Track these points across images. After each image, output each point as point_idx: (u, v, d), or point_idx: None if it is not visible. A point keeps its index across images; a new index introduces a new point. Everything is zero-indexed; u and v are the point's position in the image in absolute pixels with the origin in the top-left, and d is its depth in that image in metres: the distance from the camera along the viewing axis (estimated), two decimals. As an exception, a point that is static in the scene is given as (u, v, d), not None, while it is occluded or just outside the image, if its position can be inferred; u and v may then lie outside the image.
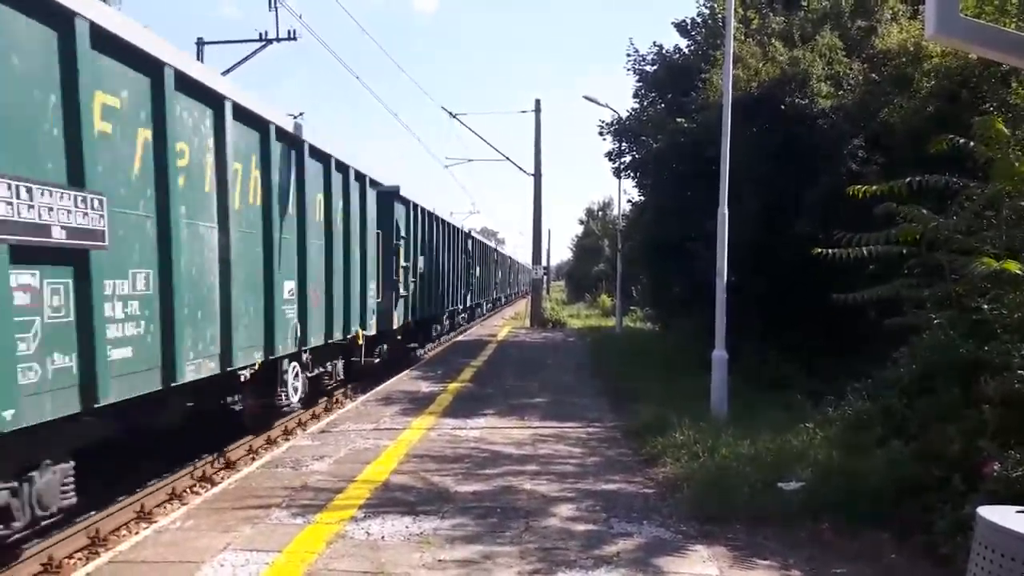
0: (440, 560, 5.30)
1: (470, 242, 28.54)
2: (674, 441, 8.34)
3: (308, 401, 11.55)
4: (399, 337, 16.81)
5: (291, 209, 9.71)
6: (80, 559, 6.23)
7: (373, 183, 13.39)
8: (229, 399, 9.23)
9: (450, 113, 29.73)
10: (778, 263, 11.85)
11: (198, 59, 19.57)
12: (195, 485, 8.29)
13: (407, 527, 5.98)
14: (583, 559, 5.33)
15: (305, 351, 10.44)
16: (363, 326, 12.86)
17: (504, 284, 51.81)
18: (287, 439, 10.21)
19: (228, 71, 19.32)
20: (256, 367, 8.88)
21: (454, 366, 17.04)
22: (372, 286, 13.50)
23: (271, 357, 9.16)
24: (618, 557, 5.39)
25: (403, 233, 16.37)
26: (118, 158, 6.15)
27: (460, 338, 26.25)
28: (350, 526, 6.00)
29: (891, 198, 6.91)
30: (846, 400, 7.57)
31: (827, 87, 12.30)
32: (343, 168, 11.73)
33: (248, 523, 6.07)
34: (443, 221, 22.20)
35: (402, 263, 16.07)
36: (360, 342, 12.87)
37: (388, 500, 6.73)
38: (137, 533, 6.44)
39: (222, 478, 8.34)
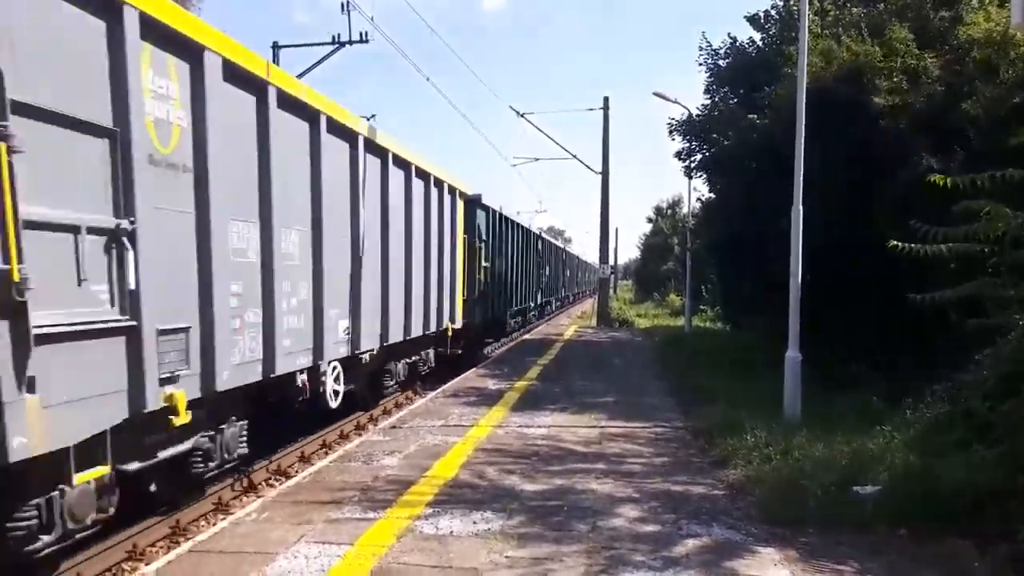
0: (507, 557, 5.34)
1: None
2: (745, 442, 8.21)
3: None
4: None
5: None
6: (162, 547, 6.49)
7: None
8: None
9: (518, 112, 29.85)
10: (854, 262, 11.53)
11: (274, 62, 20.17)
12: (270, 478, 8.53)
13: (474, 523, 6.05)
14: (651, 560, 5.30)
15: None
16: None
17: (570, 283, 51.73)
18: (359, 434, 10.43)
19: (303, 74, 19.83)
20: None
21: (521, 364, 17.10)
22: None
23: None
24: (687, 559, 5.35)
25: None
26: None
27: (526, 337, 26.33)
28: (419, 521, 6.10)
29: (972, 193, 6.64)
30: (924, 403, 7.32)
31: (898, 81, 11.89)
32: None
33: (321, 516, 6.23)
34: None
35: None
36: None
37: (456, 496, 6.81)
38: (215, 524, 6.67)
39: (296, 471, 8.57)
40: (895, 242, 7.25)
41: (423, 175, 12.46)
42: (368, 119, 10.21)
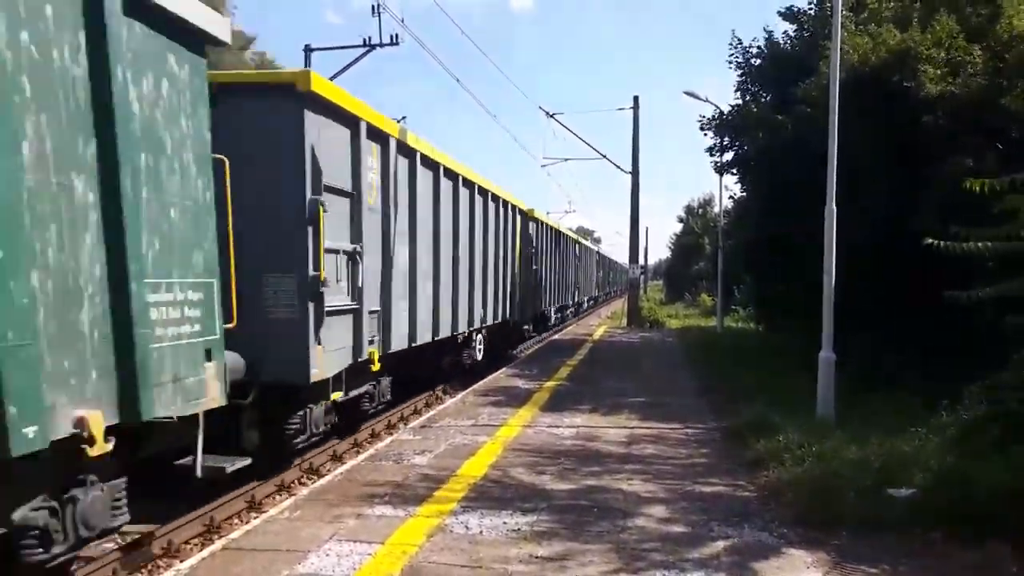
0: (537, 556, 5.35)
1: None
2: (777, 444, 8.13)
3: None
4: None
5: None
6: (196, 545, 6.58)
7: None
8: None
9: (547, 113, 29.81)
10: (890, 262, 11.37)
11: (306, 65, 20.37)
12: (302, 477, 8.62)
13: (504, 523, 6.06)
14: (681, 561, 5.28)
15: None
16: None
17: (602, 283, 51.60)
18: (390, 433, 10.50)
19: (335, 76, 20.00)
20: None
21: (550, 365, 17.09)
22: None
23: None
24: (717, 560, 5.31)
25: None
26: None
27: (556, 337, 26.31)
28: (449, 520, 6.12)
29: (1012, 192, 6.50)
30: (961, 403, 7.19)
31: (943, 73, 11.67)
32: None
33: (352, 514, 6.29)
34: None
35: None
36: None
37: (486, 495, 6.83)
38: (248, 522, 6.76)
39: (328, 470, 8.65)
40: (932, 240, 7.14)
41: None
42: (399, 121, 10.33)
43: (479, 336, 15.57)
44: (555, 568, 5.16)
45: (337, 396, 8.63)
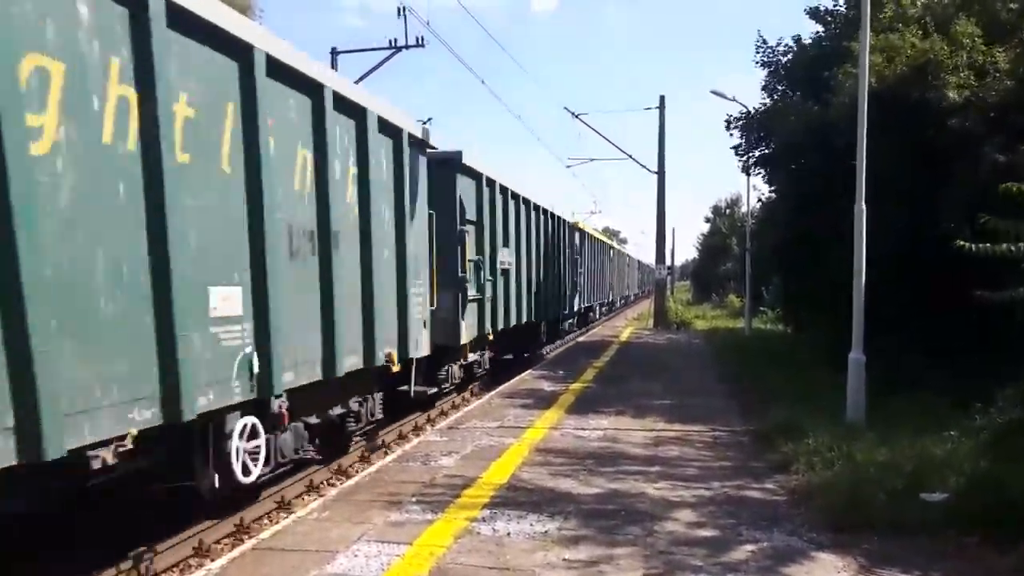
0: (564, 559, 5.35)
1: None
2: (806, 447, 8.06)
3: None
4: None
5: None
6: (226, 544, 6.65)
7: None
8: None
9: (572, 113, 29.83)
10: (920, 262, 11.21)
11: (332, 67, 20.50)
12: (331, 477, 8.68)
13: (531, 525, 6.07)
14: (708, 564, 5.25)
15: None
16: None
17: (626, 284, 51.39)
18: (417, 435, 10.55)
19: (361, 79, 20.13)
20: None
21: (576, 366, 17.07)
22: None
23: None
24: (746, 564, 5.28)
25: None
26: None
27: (581, 339, 26.26)
28: (476, 522, 6.14)
29: None
30: (995, 406, 7.08)
31: (965, 77, 11.49)
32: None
33: (380, 515, 6.33)
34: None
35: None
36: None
37: (512, 498, 6.84)
38: (277, 522, 6.82)
39: (356, 471, 8.71)
40: (962, 242, 7.05)
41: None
42: (424, 123, 10.33)
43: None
44: (583, 571, 5.15)
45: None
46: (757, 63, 18.47)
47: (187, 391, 5.06)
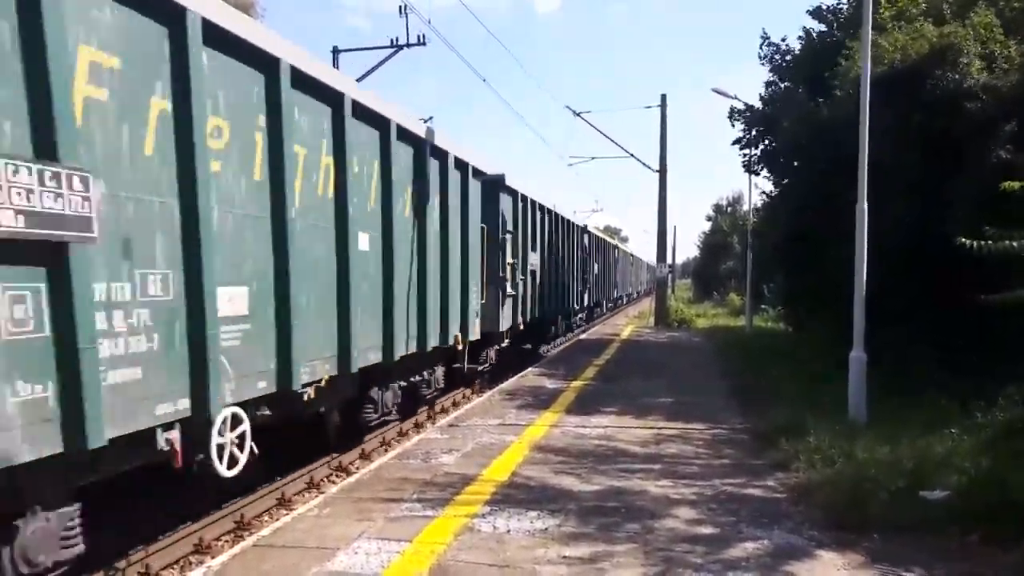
0: (563, 556, 5.34)
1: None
2: (807, 444, 8.05)
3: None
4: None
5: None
6: (227, 541, 6.67)
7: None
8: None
9: (574, 112, 29.71)
10: (924, 261, 11.17)
11: (334, 66, 20.50)
12: (331, 475, 8.69)
13: (531, 522, 6.06)
14: (709, 563, 5.24)
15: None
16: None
17: (627, 282, 51.40)
18: (418, 432, 10.55)
19: (362, 77, 20.10)
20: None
21: (577, 364, 17.06)
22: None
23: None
24: (746, 562, 5.27)
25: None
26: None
27: (582, 337, 26.24)
28: (476, 519, 6.14)
29: None
30: (997, 404, 7.06)
31: (981, 67, 11.45)
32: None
33: (381, 512, 6.32)
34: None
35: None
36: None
37: (512, 495, 6.83)
38: (278, 519, 6.82)
39: (357, 468, 8.71)
40: (967, 240, 7.03)
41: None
42: (426, 121, 10.32)
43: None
44: (584, 569, 5.15)
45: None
46: (762, 60, 18.49)
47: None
